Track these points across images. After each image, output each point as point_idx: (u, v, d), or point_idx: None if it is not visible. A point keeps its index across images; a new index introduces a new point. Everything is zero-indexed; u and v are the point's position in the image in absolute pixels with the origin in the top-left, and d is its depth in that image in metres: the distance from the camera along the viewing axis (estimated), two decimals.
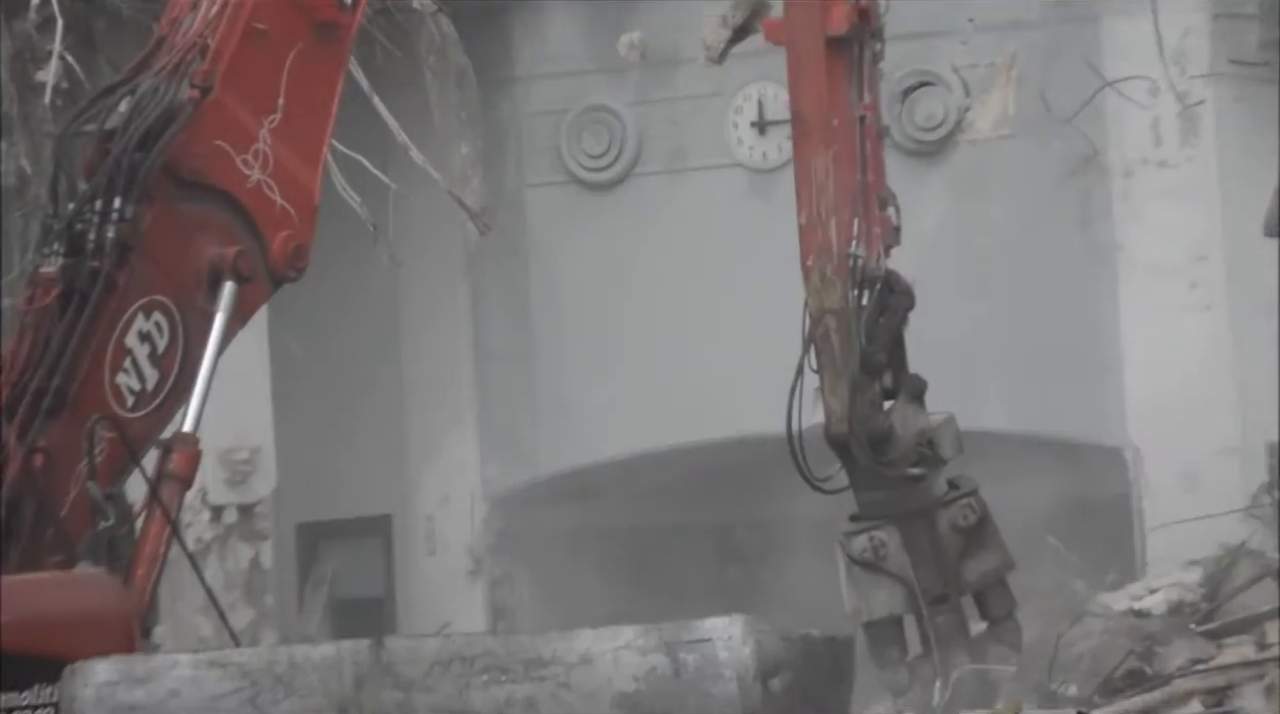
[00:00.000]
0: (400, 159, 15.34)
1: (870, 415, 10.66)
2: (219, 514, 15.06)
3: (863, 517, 10.85)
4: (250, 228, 9.24)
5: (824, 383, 10.64)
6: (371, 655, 7.35)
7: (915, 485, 10.75)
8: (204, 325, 9.08)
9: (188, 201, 9.06)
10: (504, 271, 16.54)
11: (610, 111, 16.39)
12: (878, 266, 10.74)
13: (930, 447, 10.80)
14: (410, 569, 16.61)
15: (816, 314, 10.65)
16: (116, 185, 8.85)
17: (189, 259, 9.08)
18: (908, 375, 10.95)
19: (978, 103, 15.74)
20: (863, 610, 10.76)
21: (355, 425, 16.32)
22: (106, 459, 8.79)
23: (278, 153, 9.26)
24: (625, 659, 7.38)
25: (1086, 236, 15.56)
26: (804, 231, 10.71)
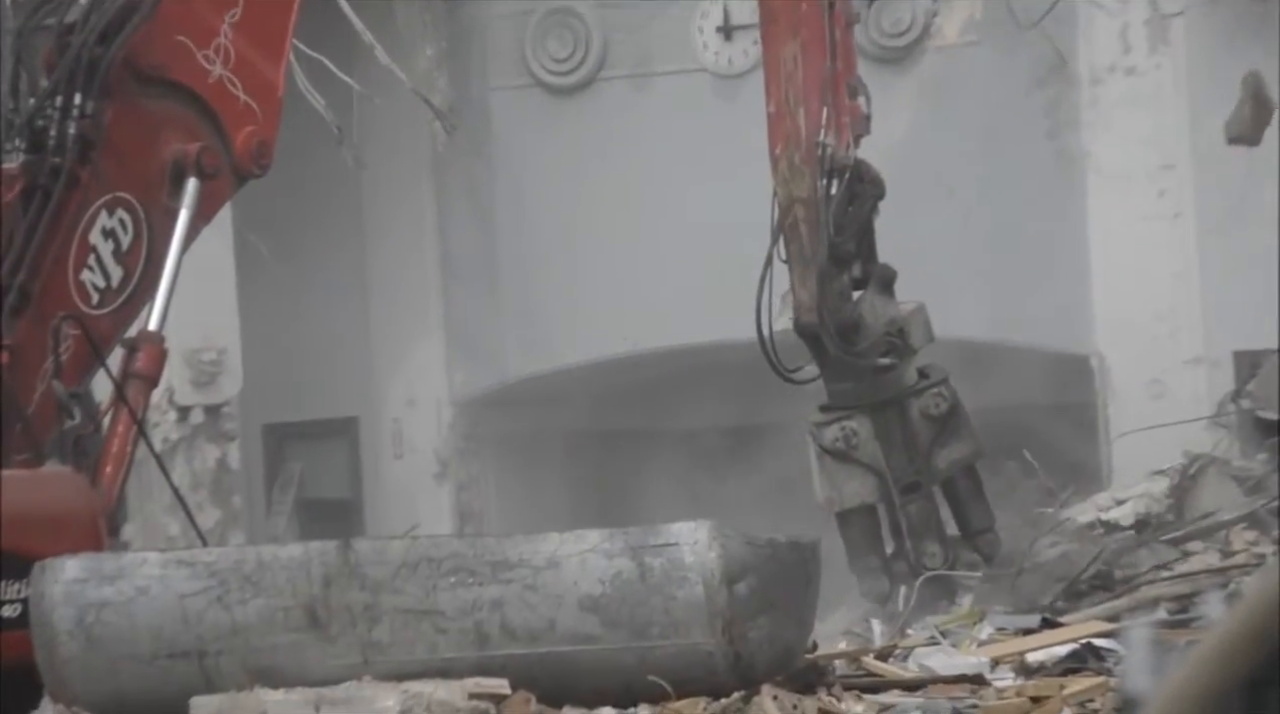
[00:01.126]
0: (365, 61, 15.24)
1: (839, 305, 10.62)
2: (186, 414, 15.04)
3: (832, 407, 10.84)
4: (214, 124, 9.16)
5: (793, 273, 10.60)
6: (339, 556, 7.36)
7: (885, 375, 10.73)
8: (168, 222, 9.03)
9: (150, 97, 8.98)
10: (468, 175, 16.47)
11: (575, 15, 16.28)
12: (847, 155, 10.67)
13: (900, 336, 10.78)
14: (377, 471, 16.62)
15: (785, 203, 10.60)
16: (77, 81, 8.77)
17: (152, 155, 9.01)
18: (877, 265, 10.89)
19: (945, 8, 15.66)
20: (835, 500, 10.76)
21: (321, 327, 16.28)
22: (72, 357, 8.76)
23: (239, 48, 9.18)
24: (591, 562, 7.39)
25: (1054, 145, 15.53)
26: (772, 120, 10.64)
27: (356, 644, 7.30)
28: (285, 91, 9.50)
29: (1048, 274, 15.35)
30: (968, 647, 9.31)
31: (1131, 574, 10.78)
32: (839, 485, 10.77)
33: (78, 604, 7.32)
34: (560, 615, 7.33)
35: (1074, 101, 15.46)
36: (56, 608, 7.31)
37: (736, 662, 7.36)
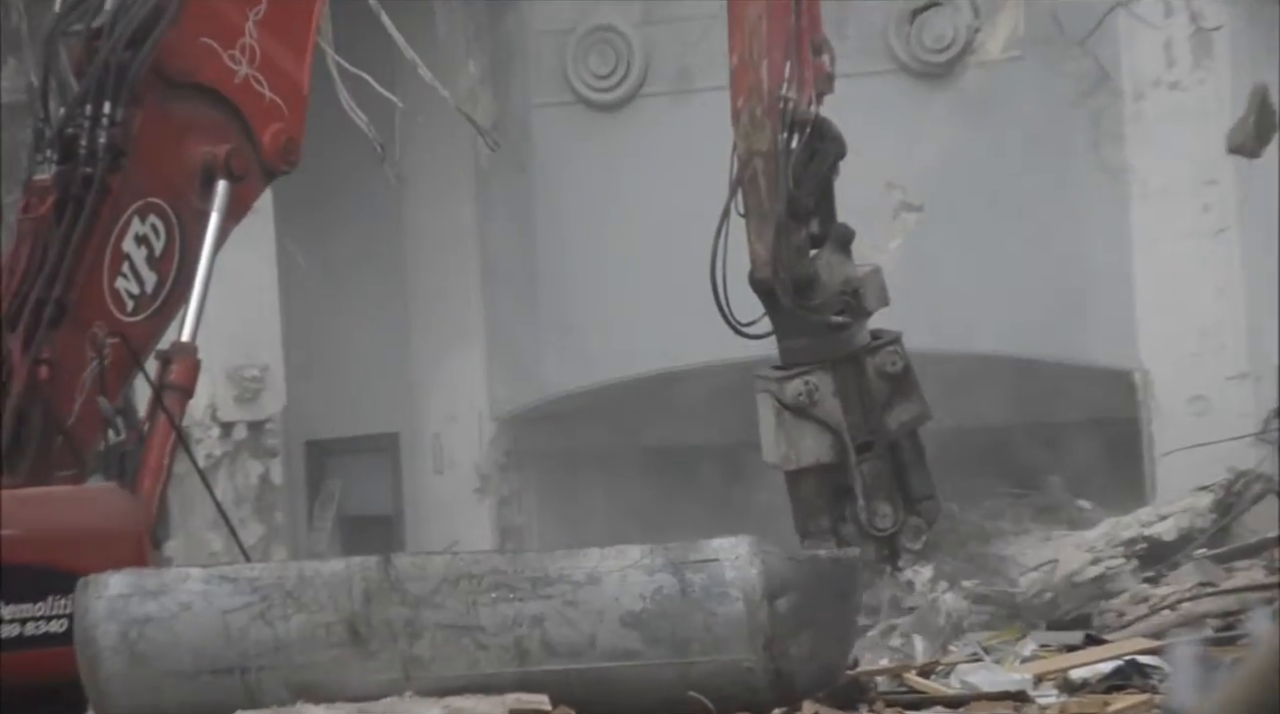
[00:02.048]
0: (407, 77, 15.28)
1: (795, 260, 10.55)
2: (229, 431, 15.08)
3: (785, 365, 10.77)
4: (241, 123, 9.16)
5: (750, 227, 10.56)
6: (380, 572, 7.36)
7: (839, 333, 10.66)
8: (199, 225, 9.03)
9: (177, 101, 8.98)
10: (510, 191, 16.49)
11: (617, 32, 16.30)
12: (808, 110, 10.59)
13: (855, 296, 10.71)
14: (418, 487, 16.64)
15: (744, 157, 10.54)
16: (106, 89, 8.78)
17: (181, 159, 9.01)
18: (835, 224, 10.81)
19: (987, 24, 15.64)
20: (791, 458, 10.65)
21: (364, 344, 16.32)
22: (109, 368, 8.78)
23: (264, 46, 9.17)
24: (632, 578, 7.38)
25: (1097, 159, 15.49)
26: (735, 73, 10.62)
27: (397, 660, 7.31)
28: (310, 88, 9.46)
29: (1091, 289, 15.31)
30: (1011, 663, 9.28)
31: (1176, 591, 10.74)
32: (796, 443, 10.67)
33: (121, 620, 7.33)
34: (601, 631, 7.32)
35: (1117, 116, 15.43)
36: (100, 624, 7.32)
37: (777, 678, 7.34)
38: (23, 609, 7.88)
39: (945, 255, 15.53)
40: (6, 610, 7.85)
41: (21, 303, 8.70)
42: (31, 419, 8.60)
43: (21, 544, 7.89)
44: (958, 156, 15.66)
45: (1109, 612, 11.16)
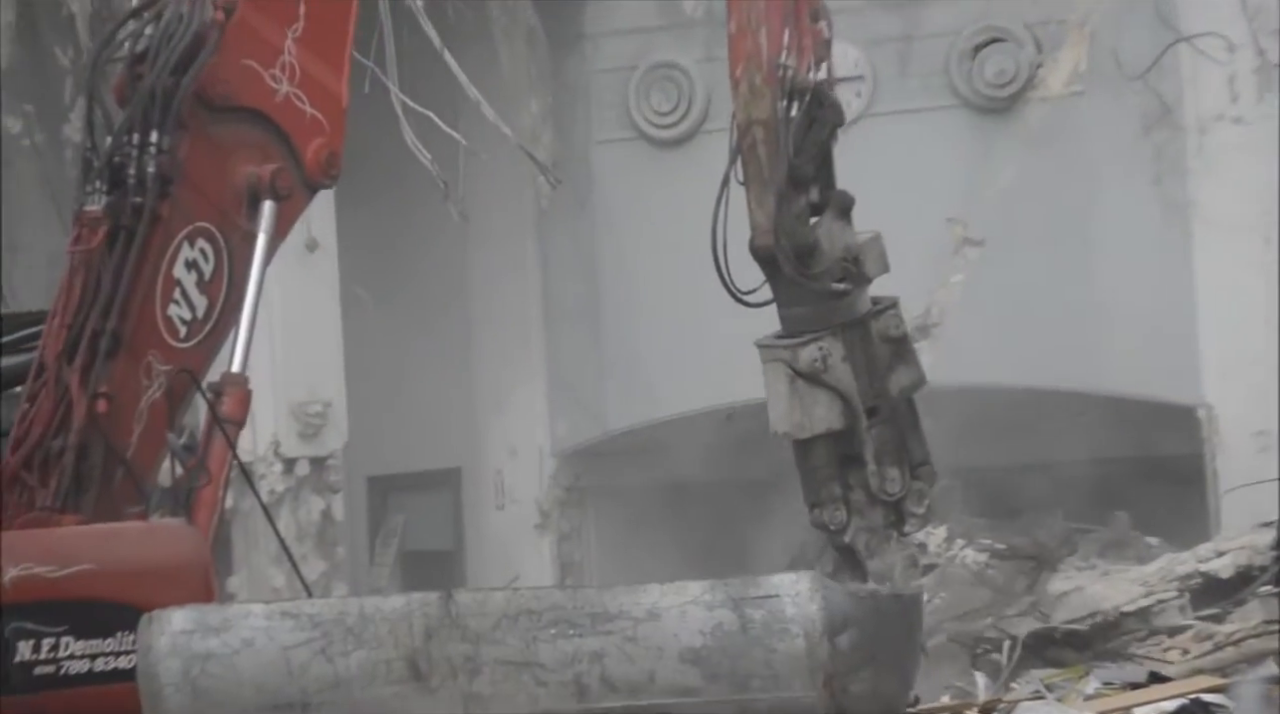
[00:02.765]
0: (470, 115, 15.35)
1: (796, 228, 10.53)
2: (291, 466, 15.15)
3: (788, 332, 10.78)
4: (283, 141, 9.17)
5: (750, 195, 10.51)
6: (441, 608, 7.38)
7: (840, 300, 10.65)
8: (246, 245, 9.05)
9: (221, 124, 8.99)
10: (572, 228, 16.55)
11: (679, 69, 16.35)
12: (807, 78, 10.58)
13: (856, 263, 10.71)
14: (479, 522, 16.68)
15: (743, 125, 10.50)
16: (151, 117, 8.84)
17: (227, 181, 9.02)
18: (835, 191, 10.81)
19: (1050, 59, 15.64)
20: (805, 425, 10.61)
21: (425, 380, 16.38)
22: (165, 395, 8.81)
23: (303, 62, 9.19)
24: (692, 614, 7.38)
25: (1160, 193, 15.45)
26: (733, 40, 10.57)
27: (458, 696, 7.32)
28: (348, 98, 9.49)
29: (1154, 324, 15.25)
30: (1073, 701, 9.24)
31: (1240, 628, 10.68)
32: (808, 410, 10.63)
33: (183, 656, 7.37)
34: (660, 668, 7.32)
35: (1180, 150, 15.39)
36: (162, 660, 7.35)
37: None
38: (93, 645, 7.94)
39: (1007, 290, 15.50)
40: (77, 646, 7.90)
41: (77, 336, 8.75)
42: (93, 454, 8.65)
43: (93, 579, 7.95)
44: (1020, 191, 15.64)
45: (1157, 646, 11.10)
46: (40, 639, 7.83)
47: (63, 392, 8.65)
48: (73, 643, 7.87)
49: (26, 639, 7.81)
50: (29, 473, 8.64)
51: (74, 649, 7.88)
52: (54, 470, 8.63)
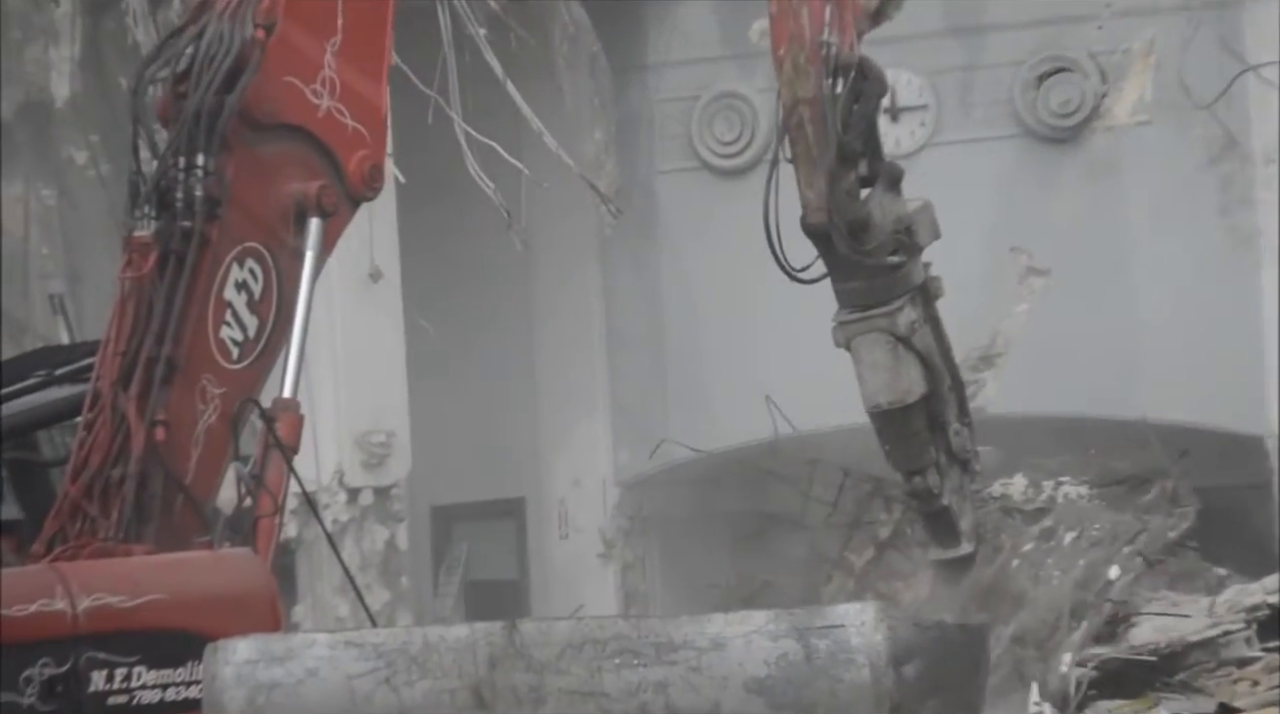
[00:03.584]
0: (533, 145, 15.38)
1: (848, 204, 10.50)
2: (355, 496, 15.17)
3: (842, 306, 10.75)
4: (326, 156, 9.14)
5: (799, 173, 10.51)
6: (505, 637, 7.37)
7: (895, 272, 10.61)
8: (294, 263, 9.02)
9: (264, 143, 8.97)
10: (635, 257, 16.55)
11: (741, 98, 16.36)
12: (851, 54, 10.52)
13: (908, 233, 10.68)
14: (543, 552, 16.67)
15: (789, 104, 10.48)
16: (196, 139, 8.81)
17: (273, 199, 8.99)
18: (884, 163, 10.75)
19: (1114, 89, 15.58)
20: (911, 391, 10.62)
21: (489, 409, 16.39)
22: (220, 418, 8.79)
23: (343, 75, 9.15)
24: (757, 644, 7.35)
25: (1226, 223, 15.38)
26: (775, 20, 10.55)
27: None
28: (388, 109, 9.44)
29: (1221, 353, 15.16)
30: None
31: None
32: (909, 376, 10.65)
33: (248, 685, 7.37)
34: (725, 698, 7.29)
35: (1247, 180, 15.31)
36: (228, 689, 7.36)
37: None
38: (164, 674, 7.95)
39: (1072, 320, 15.43)
40: (149, 676, 7.92)
41: (131, 363, 8.73)
42: (152, 482, 8.64)
43: (164, 609, 7.96)
44: (1085, 221, 15.58)
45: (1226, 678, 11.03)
46: (113, 669, 7.84)
47: (120, 420, 8.64)
48: (145, 673, 7.89)
49: (100, 669, 7.83)
50: (89, 502, 8.65)
51: (146, 679, 7.89)
52: (114, 500, 8.63)
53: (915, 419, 10.73)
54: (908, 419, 10.73)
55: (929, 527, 11.31)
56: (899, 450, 10.76)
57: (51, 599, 7.74)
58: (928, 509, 11.11)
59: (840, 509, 14.26)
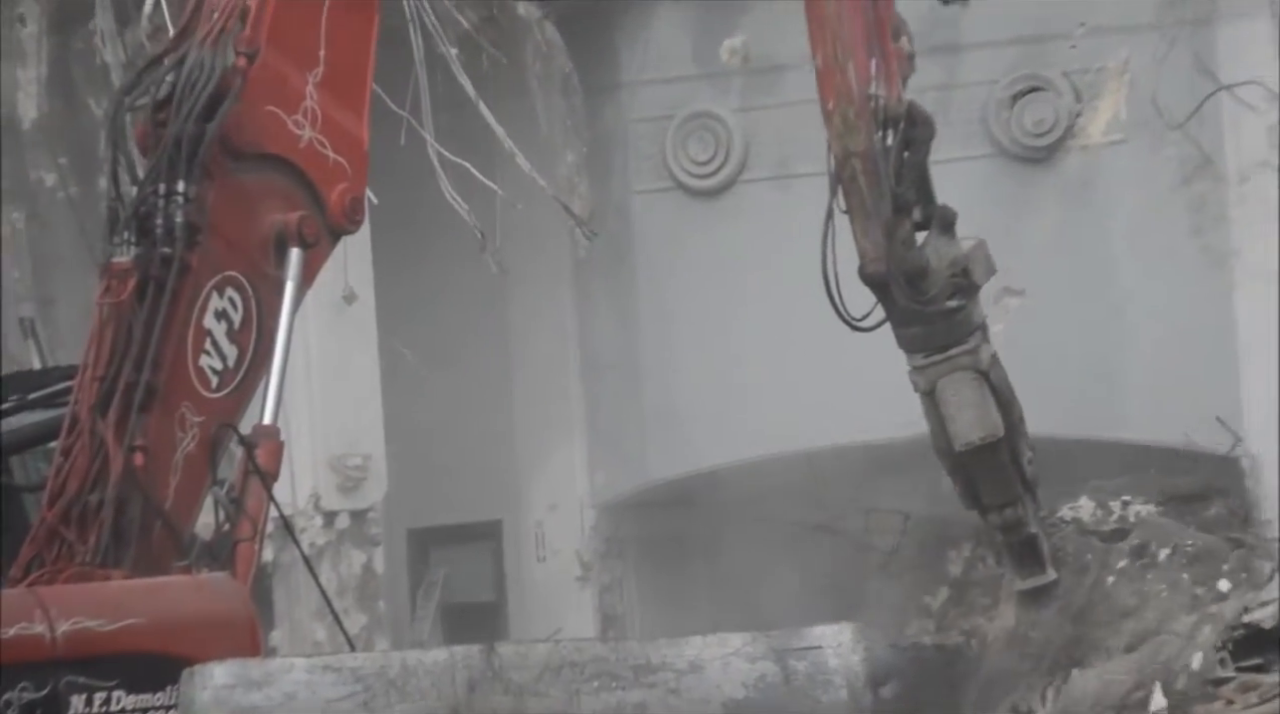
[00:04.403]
0: (507, 166, 15.37)
1: (905, 253, 10.60)
2: (332, 520, 15.13)
3: (909, 351, 10.87)
4: (307, 187, 9.15)
5: (855, 224, 10.59)
6: (483, 661, 7.36)
7: (955, 316, 10.75)
8: (274, 293, 9.03)
9: (245, 172, 8.99)
10: (610, 278, 16.54)
11: (716, 118, 16.36)
12: (899, 104, 10.60)
13: (964, 275, 10.79)
14: (520, 575, 16.65)
15: (841, 157, 10.56)
16: (176, 166, 8.80)
17: (253, 229, 9.00)
18: (937, 207, 10.85)
19: (1088, 108, 15.62)
20: (999, 424, 10.77)
21: (465, 432, 16.36)
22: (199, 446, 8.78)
23: (325, 107, 9.17)
24: (735, 666, 7.36)
25: (1200, 243, 15.41)
26: (821, 75, 10.60)
27: None
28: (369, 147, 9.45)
29: (1195, 373, 15.19)
30: None
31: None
32: (993, 410, 10.83)
33: (226, 709, 7.35)
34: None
35: (1221, 199, 15.34)
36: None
37: None
38: (143, 699, 7.93)
39: (1047, 340, 15.44)
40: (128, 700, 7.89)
41: (110, 389, 8.70)
42: (130, 507, 8.62)
43: (143, 633, 7.94)
44: (1059, 241, 15.60)
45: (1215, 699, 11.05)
46: (92, 693, 7.82)
47: (98, 445, 8.63)
48: (124, 697, 7.86)
49: (79, 693, 7.81)
50: (67, 527, 8.62)
51: (125, 703, 7.87)
52: (92, 525, 8.62)
53: (1003, 452, 10.88)
54: (996, 453, 10.86)
55: (1015, 557, 11.39)
56: (990, 485, 10.91)
57: (30, 623, 7.72)
58: (1017, 539, 11.20)
59: (900, 554, 14.34)
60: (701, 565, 16.07)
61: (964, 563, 13.63)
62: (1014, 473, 10.92)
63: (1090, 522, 12.99)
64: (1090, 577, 12.45)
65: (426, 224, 15.52)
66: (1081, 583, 12.41)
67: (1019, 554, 11.29)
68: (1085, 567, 12.55)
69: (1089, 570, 12.39)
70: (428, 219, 15.39)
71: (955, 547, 13.91)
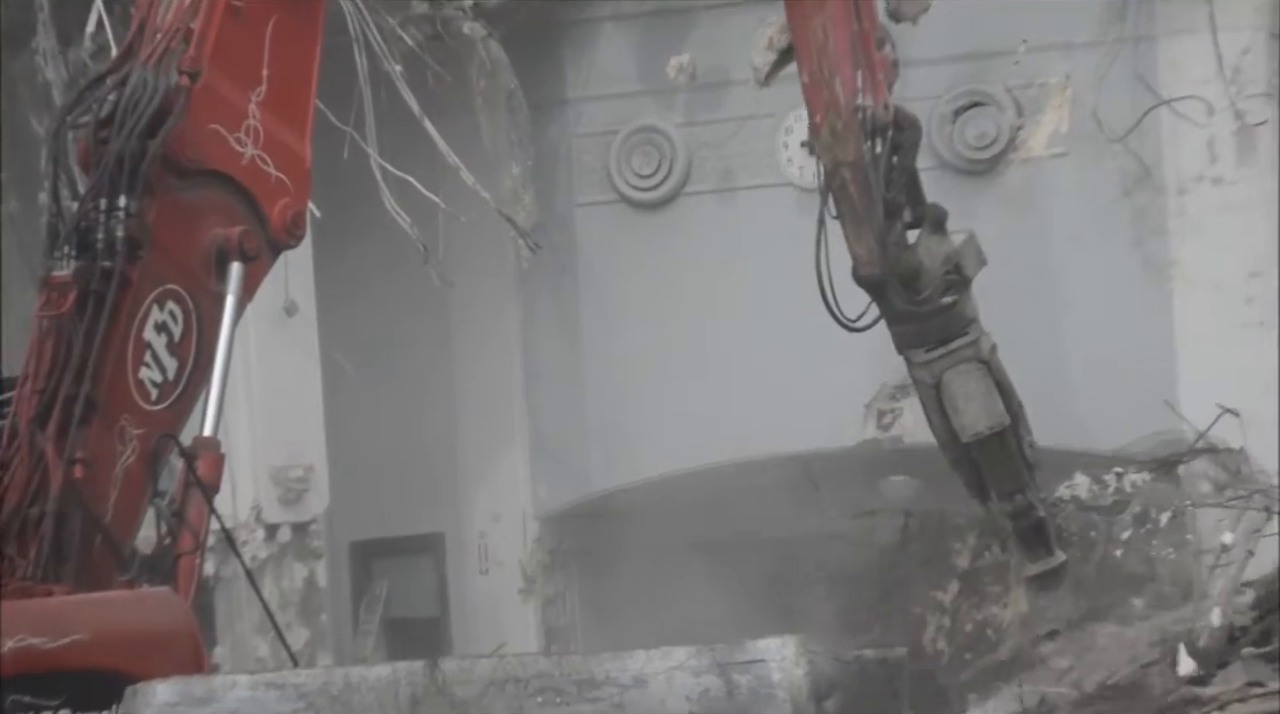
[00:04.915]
0: (451, 180, 15.37)
1: (899, 256, 10.77)
2: (273, 533, 15.09)
3: (900, 348, 11.02)
4: (249, 203, 9.23)
5: (847, 230, 10.76)
6: (426, 676, 7.35)
7: (950, 312, 10.91)
8: (214, 307, 9.09)
9: (188, 188, 9.05)
10: (554, 291, 16.55)
11: (659, 132, 16.40)
12: (885, 113, 10.73)
13: (957, 271, 10.95)
14: (463, 588, 16.62)
15: (830, 167, 10.72)
16: (118, 181, 8.83)
17: (195, 244, 9.07)
18: (928, 206, 11.03)
19: (1030, 122, 15.70)
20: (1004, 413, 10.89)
21: (408, 444, 16.34)
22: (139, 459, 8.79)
23: (267, 125, 9.25)
24: (678, 680, 7.36)
25: (1140, 254, 15.51)
26: (807, 89, 10.77)
27: None
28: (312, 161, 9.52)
29: (1136, 383, 15.27)
30: None
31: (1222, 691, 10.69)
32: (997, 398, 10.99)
33: None
34: None
35: (1161, 211, 15.45)
36: None
37: None
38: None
39: None
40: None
41: (50, 401, 8.70)
42: (71, 521, 8.60)
43: (88, 650, 7.91)
44: (1001, 253, 15.62)
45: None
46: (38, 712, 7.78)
47: (38, 458, 8.61)
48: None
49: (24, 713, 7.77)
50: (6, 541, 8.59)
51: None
52: (33, 539, 8.58)
53: (1009, 440, 11.07)
54: (1004, 441, 11.04)
55: (1025, 542, 11.51)
56: (998, 473, 11.07)
57: None
58: (1027, 524, 11.34)
59: (909, 553, 14.42)
60: (645, 577, 16.07)
61: (970, 554, 13.74)
62: (1019, 459, 11.06)
63: (1089, 497, 13.17)
64: (1098, 552, 12.64)
65: (370, 237, 15.51)
66: (1089, 559, 12.60)
67: (1028, 539, 11.40)
68: (1091, 543, 12.74)
69: (1095, 546, 12.58)
70: (371, 232, 15.38)
71: (960, 539, 14.04)
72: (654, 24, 16.13)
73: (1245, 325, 15.19)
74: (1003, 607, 13.42)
